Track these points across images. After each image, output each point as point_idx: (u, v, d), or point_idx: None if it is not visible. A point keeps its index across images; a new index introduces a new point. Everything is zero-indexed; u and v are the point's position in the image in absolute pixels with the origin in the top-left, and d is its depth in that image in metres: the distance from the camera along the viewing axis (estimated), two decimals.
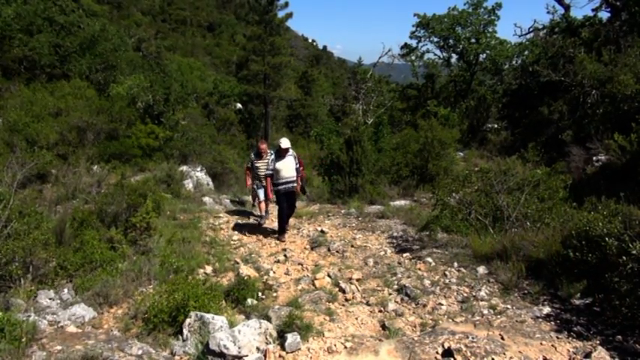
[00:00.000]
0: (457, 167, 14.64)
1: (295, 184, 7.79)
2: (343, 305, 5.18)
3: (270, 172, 7.58)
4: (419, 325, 4.61)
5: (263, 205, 8.72)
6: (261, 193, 8.58)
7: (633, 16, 17.18)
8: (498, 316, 4.48)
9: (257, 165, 8.52)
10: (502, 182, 6.96)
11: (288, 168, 7.57)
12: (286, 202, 7.78)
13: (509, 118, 22.42)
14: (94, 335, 4.18)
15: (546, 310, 4.51)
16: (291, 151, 7.65)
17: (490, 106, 26.42)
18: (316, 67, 44.54)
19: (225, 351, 3.76)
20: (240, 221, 9.05)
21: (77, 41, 17.94)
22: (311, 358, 4.02)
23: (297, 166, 7.73)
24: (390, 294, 5.39)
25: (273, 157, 7.58)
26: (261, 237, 8.03)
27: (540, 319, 4.35)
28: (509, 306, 4.69)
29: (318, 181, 14.00)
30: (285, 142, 7.50)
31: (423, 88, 32.90)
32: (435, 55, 33.08)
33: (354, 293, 5.45)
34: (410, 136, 17.00)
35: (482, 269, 5.60)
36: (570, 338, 3.99)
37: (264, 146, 8.56)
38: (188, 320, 4.27)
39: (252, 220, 9.23)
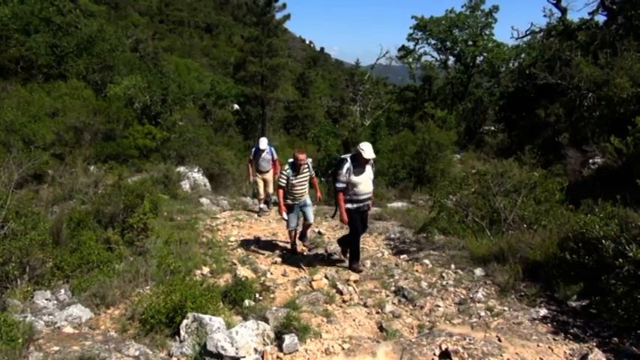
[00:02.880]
0: (454, 169, 14.72)
1: (370, 202, 6.23)
2: (341, 307, 5.17)
3: (344, 185, 5.83)
4: (416, 327, 4.61)
5: (294, 234, 7.14)
6: (293, 219, 6.93)
7: (629, 20, 17.33)
8: (495, 318, 4.49)
9: (293, 182, 6.67)
10: (499, 184, 6.99)
11: (367, 182, 5.94)
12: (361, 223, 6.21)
13: (506, 120, 22.56)
14: (90, 336, 4.16)
15: (543, 312, 4.53)
16: (371, 160, 5.98)
17: (487, 109, 26.57)
18: (314, 69, 44.57)
19: (222, 352, 3.75)
20: (237, 222, 9.03)
21: (74, 41, 17.91)
22: (308, 359, 4.02)
23: (373, 177, 6.16)
24: (387, 295, 5.40)
25: (349, 166, 5.79)
26: (258, 238, 8.01)
27: (537, 321, 4.37)
28: (506, 308, 4.71)
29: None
30: (368, 151, 5.72)
31: (421, 90, 33.06)
32: (433, 57, 33.36)
33: (351, 295, 5.45)
34: (407, 138, 17.11)
35: (479, 271, 5.62)
36: (567, 340, 4.01)
37: (302, 156, 6.64)
38: (185, 321, 4.26)
39: (251, 223, 9.21)
